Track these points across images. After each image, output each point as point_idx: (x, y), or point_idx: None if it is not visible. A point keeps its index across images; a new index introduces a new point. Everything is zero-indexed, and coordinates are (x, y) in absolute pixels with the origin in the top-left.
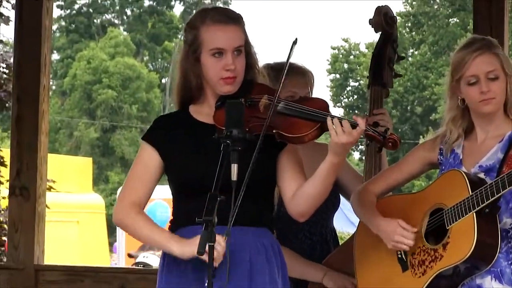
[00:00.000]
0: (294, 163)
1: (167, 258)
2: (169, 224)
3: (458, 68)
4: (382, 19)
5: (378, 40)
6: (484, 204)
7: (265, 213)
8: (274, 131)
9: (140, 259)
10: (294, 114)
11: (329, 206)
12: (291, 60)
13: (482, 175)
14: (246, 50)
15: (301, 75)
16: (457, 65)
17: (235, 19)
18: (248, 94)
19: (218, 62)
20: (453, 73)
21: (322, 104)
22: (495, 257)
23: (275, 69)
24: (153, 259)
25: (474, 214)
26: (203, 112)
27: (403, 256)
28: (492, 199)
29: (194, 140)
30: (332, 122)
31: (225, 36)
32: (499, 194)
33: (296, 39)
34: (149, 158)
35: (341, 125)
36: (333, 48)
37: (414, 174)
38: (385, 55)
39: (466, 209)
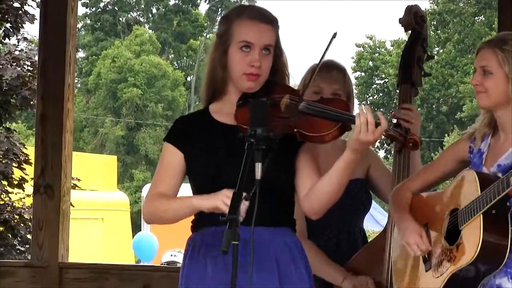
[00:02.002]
0: (310, 161)
1: (191, 247)
2: (191, 224)
3: None
4: (412, 18)
5: (408, 39)
6: (489, 205)
7: (286, 212)
8: (295, 130)
9: (167, 258)
10: (315, 113)
11: (358, 205)
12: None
13: (500, 175)
14: (275, 53)
15: (326, 70)
16: None
17: (270, 20)
18: (270, 94)
19: (244, 56)
20: None
21: (343, 105)
22: (506, 258)
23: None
24: (180, 257)
25: (481, 215)
26: (224, 111)
27: (426, 256)
28: (495, 200)
29: (213, 141)
30: (361, 120)
31: (256, 32)
32: (500, 195)
33: (336, 33)
34: (172, 158)
35: (367, 124)
36: (358, 46)
37: (448, 172)
38: (414, 54)
39: (474, 210)
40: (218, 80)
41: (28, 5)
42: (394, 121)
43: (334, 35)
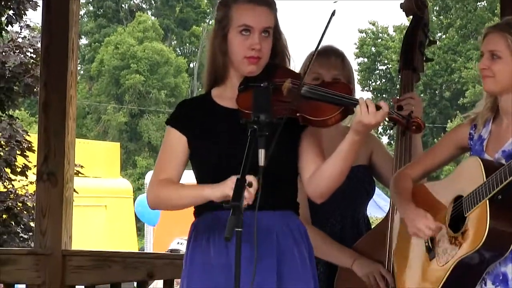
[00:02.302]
0: (314, 145)
1: (195, 233)
2: (194, 210)
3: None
4: (414, 3)
5: (409, 24)
6: (495, 191)
7: (288, 196)
8: (298, 114)
9: (173, 246)
10: (317, 97)
11: (361, 191)
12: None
13: (503, 161)
14: (274, 36)
15: (324, 56)
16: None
17: (268, 2)
18: (271, 78)
19: (244, 40)
20: None
21: (345, 88)
22: None
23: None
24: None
25: (487, 201)
26: (226, 96)
27: (430, 245)
28: (501, 185)
29: (215, 125)
30: (360, 102)
31: (254, 15)
32: (507, 180)
33: (334, 11)
34: (175, 142)
35: (369, 107)
36: (360, 32)
37: (448, 158)
38: (416, 39)
39: (480, 197)
40: (219, 65)
41: None
42: None
43: (333, 13)
